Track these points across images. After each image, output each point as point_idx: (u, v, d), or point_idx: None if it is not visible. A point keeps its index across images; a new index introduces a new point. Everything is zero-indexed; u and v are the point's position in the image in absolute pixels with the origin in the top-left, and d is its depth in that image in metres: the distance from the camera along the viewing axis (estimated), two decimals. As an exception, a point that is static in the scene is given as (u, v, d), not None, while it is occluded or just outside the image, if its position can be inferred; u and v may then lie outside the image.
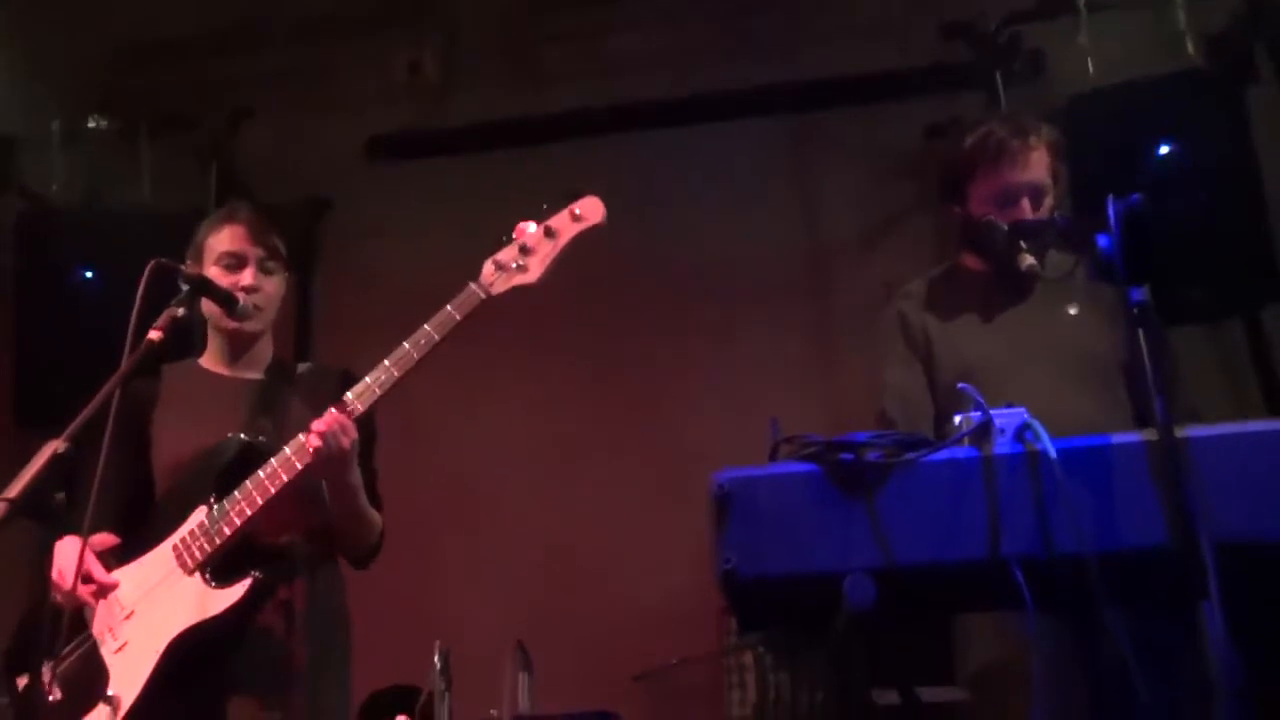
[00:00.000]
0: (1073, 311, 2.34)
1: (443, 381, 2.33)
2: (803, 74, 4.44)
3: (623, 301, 4.29)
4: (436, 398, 3.78)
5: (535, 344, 4.17)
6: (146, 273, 2.10)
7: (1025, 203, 2.33)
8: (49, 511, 1.81)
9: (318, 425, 2.17)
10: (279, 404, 2.38)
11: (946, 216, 2.58)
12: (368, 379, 2.23)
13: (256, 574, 2.19)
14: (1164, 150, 3.52)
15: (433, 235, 4.50)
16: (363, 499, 2.35)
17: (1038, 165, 2.35)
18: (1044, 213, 2.35)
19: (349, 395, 2.22)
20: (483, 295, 2.25)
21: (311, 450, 2.17)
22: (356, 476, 2.31)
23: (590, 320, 4.22)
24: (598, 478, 4.21)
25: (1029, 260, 2.23)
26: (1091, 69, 3.79)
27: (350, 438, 2.20)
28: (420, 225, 4.60)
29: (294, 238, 2.56)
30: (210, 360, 2.50)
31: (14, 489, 1.77)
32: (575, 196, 2.30)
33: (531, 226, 2.27)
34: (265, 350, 2.51)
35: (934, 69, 4.25)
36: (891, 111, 4.36)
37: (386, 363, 2.23)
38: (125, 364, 2.03)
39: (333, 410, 2.19)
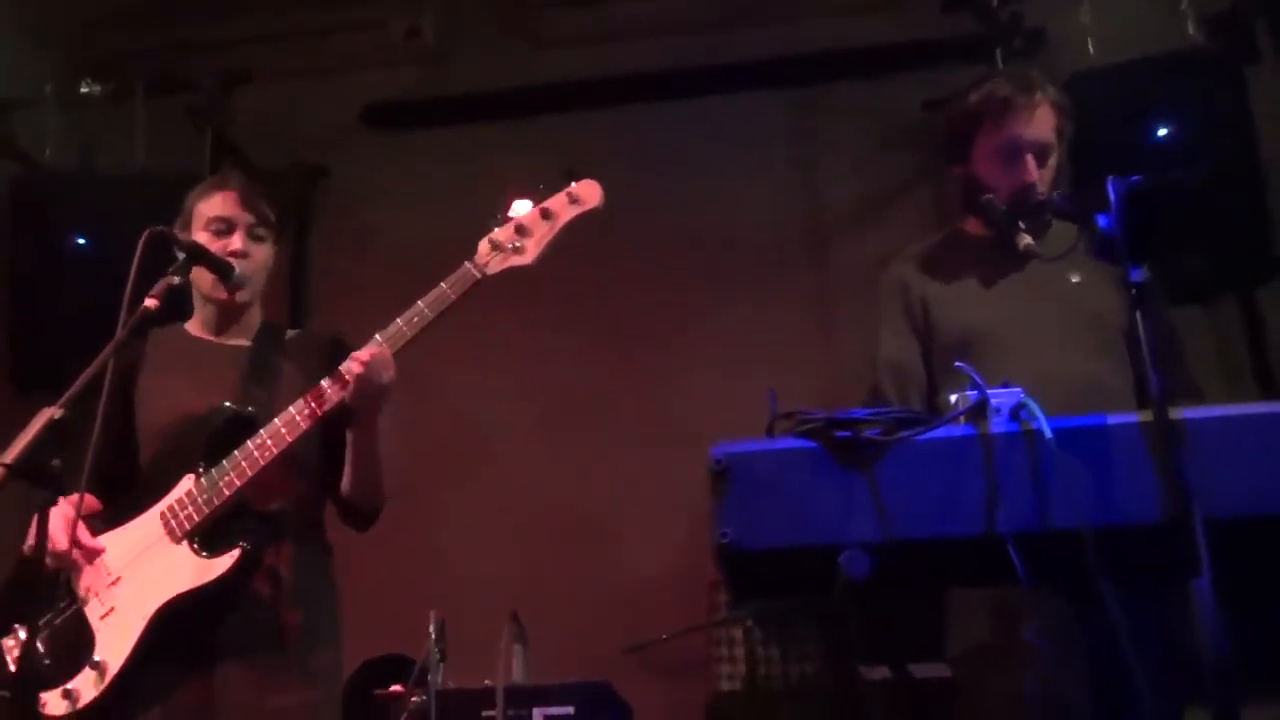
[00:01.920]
0: (1075, 279, 2.31)
1: (437, 348, 2.31)
2: (804, 45, 4.43)
3: (622, 270, 4.29)
4: (430, 365, 3.77)
5: (532, 314, 4.17)
6: (142, 241, 2.08)
7: (1029, 159, 2.29)
8: (46, 476, 1.80)
9: (362, 354, 2.16)
10: (269, 371, 2.36)
11: (949, 178, 2.55)
12: (361, 352, 2.21)
13: (245, 545, 2.18)
14: (1163, 131, 3.50)
15: (429, 203, 4.48)
16: (383, 447, 2.33)
17: (1043, 121, 2.31)
18: (1048, 174, 2.32)
19: (340, 369, 2.20)
20: (477, 275, 2.24)
21: (352, 377, 2.15)
22: (386, 420, 2.29)
23: (589, 289, 4.22)
24: (593, 447, 4.22)
25: (1027, 240, 2.21)
26: (1092, 47, 3.78)
27: (390, 374, 2.19)
28: (417, 193, 4.58)
29: (289, 204, 2.53)
30: (197, 326, 2.47)
31: (10, 454, 1.75)
32: (573, 177, 2.28)
33: (528, 206, 2.26)
34: (254, 318, 2.48)
35: (934, 43, 4.23)
36: (891, 84, 4.34)
37: (379, 337, 2.21)
38: (120, 332, 2.01)
39: (378, 340, 2.18)
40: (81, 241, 4.06)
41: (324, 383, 2.21)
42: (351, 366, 2.17)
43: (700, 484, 1.68)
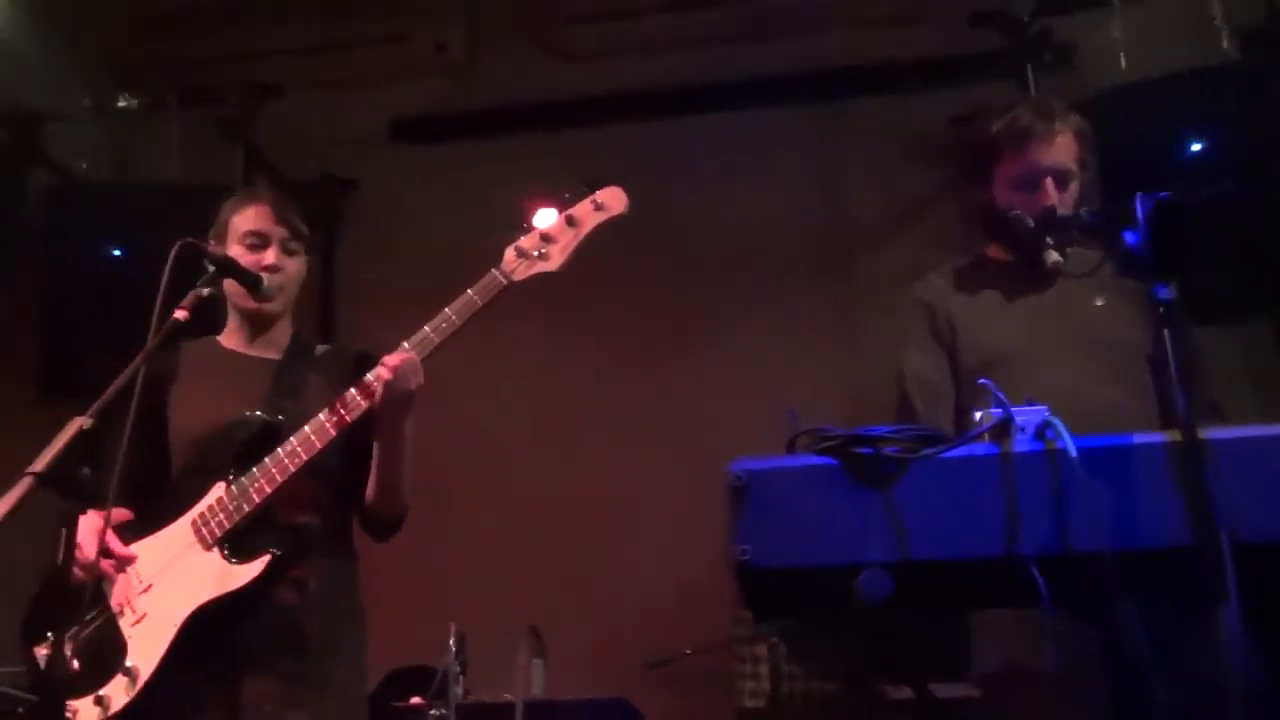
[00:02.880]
0: (1099, 302, 2.32)
1: (457, 359, 2.32)
2: (830, 60, 4.42)
3: (643, 283, 4.30)
4: (450, 374, 3.79)
5: (553, 326, 4.18)
6: (174, 252, 2.10)
7: (1049, 184, 2.30)
8: (75, 485, 1.82)
9: (391, 360, 2.19)
10: (298, 384, 2.39)
11: (970, 204, 2.56)
12: (389, 357, 2.23)
13: (275, 550, 2.20)
14: (1196, 146, 3.47)
15: (455, 215, 4.51)
16: (409, 455, 2.35)
17: (1063, 149, 2.33)
18: (1068, 198, 2.33)
19: (369, 377, 2.22)
20: (504, 281, 2.26)
21: (381, 383, 2.17)
22: (412, 426, 2.32)
23: (609, 302, 4.23)
24: (613, 460, 4.22)
25: (1054, 256, 2.21)
26: (1123, 62, 3.75)
27: (419, 379, 2.21)
28: (443, 205, 4.61)
29: (318, 216, 2.56)
30: (229, 338, 2.50)
31: (40, 463, 1.78)
32: (597, 186, 2.29)
33: (553, 214, 2.28)
34: (284, 330, 2.51)
35: (962, 58, 4.22)
36: (918, 99, 4.33)
37: (405, 344, 2.23)
38: (151, 342, 2.03)
39: (406, 345, 2.20)
40: (116, 252, 4.11)
41: (351, 390, 2.24)
42: (380, 372, 2.19)
43: (721, 499, 1.68)
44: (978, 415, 1.72)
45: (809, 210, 4.47)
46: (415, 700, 3.05)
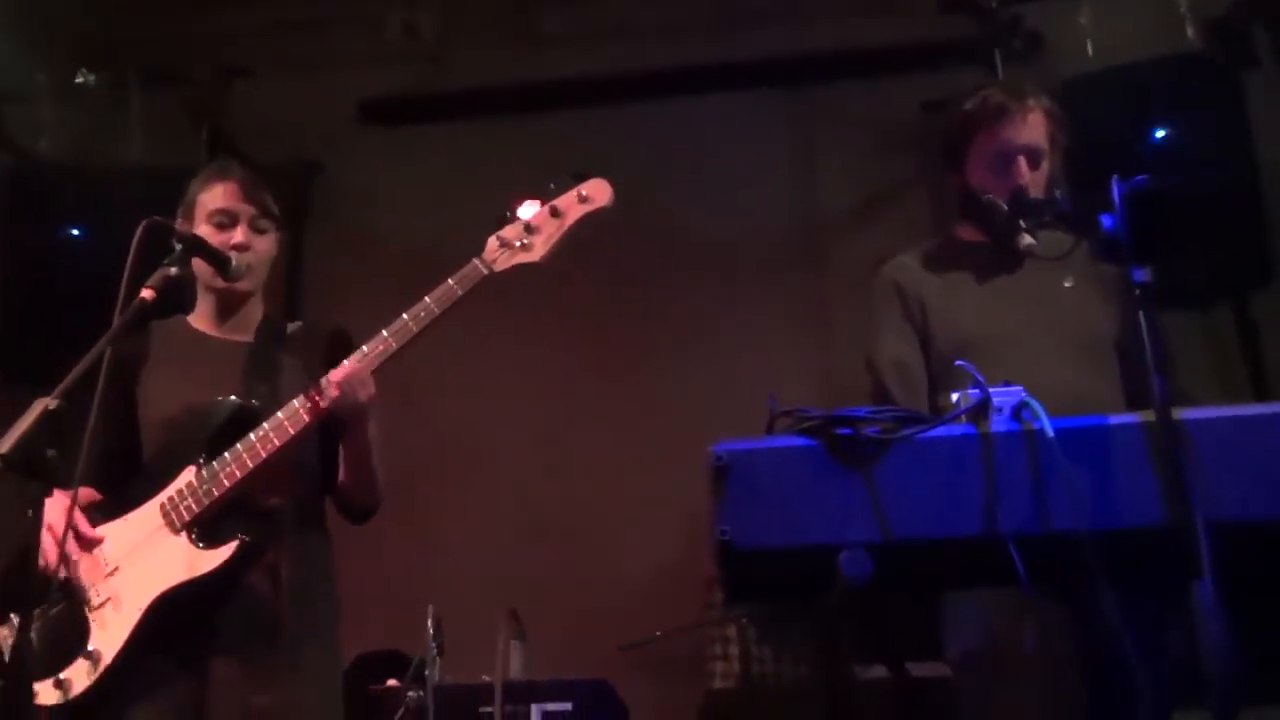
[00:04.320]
0: (1068, 284, 2.34)
1: (435, 345, 2.31)
2: (802, 45, 4.42)
3: (618, 271, 4.28)
4: (429, 361, 3.77)
5: (530, 310, 4.15)
6: (139, 231, 2.06)
7: (1022, 162, 2.32)
8: (42, 467, 1.78)
9: (336, 375, 2.17)
10: (271, 366, 2.36)
11: (945, 187, 2.57)
12: (364, 348, 2.21)
13: (244, 536, 2.17)
14: (1161, 134, 3.51)
15: (426, 201, 4.48)
16: (375, 457, 2.35)
17: (1035, 127, 2.35)
18: (1040, 177, 2.34)
19: (318, 384, 2.20)
20: (485, 271, 2.24)
21: (330, 400, 2.16)
22: (372, 432, 2.31)
23: (584, 289, 4.20)
24: (590, 444, 4.22)
25: (1028, 240, 2.22)
26: (1091, 50, 3.78)
27: (368, 391, 2.20)
28: (414, 191, 4.57)
29: (285, 199, 2.53)
30: (199, 320, 2.47)
31: (5, 444, 1.74)
32: (583, 178, 2.28)
33: (536, 205, 2.26)
34: (255, 311, 2.48)
35: (933, 45, 4.22)
36: (890, 85, 4.34)
37: (385, 333, 2.21)
38: (117, 323, 2.00)
39: (353, 360, 2.18)
40: (76, 233, 4.04)
41: (325, 378, 2.21)
42: (327, 390, 2.17)
43: (696, 484, 1.68)
44: (955, 397, 1.72)
45: (780, 198, 4.47)
46: (391, 683, 3.02)
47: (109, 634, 2.15)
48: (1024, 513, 1.63)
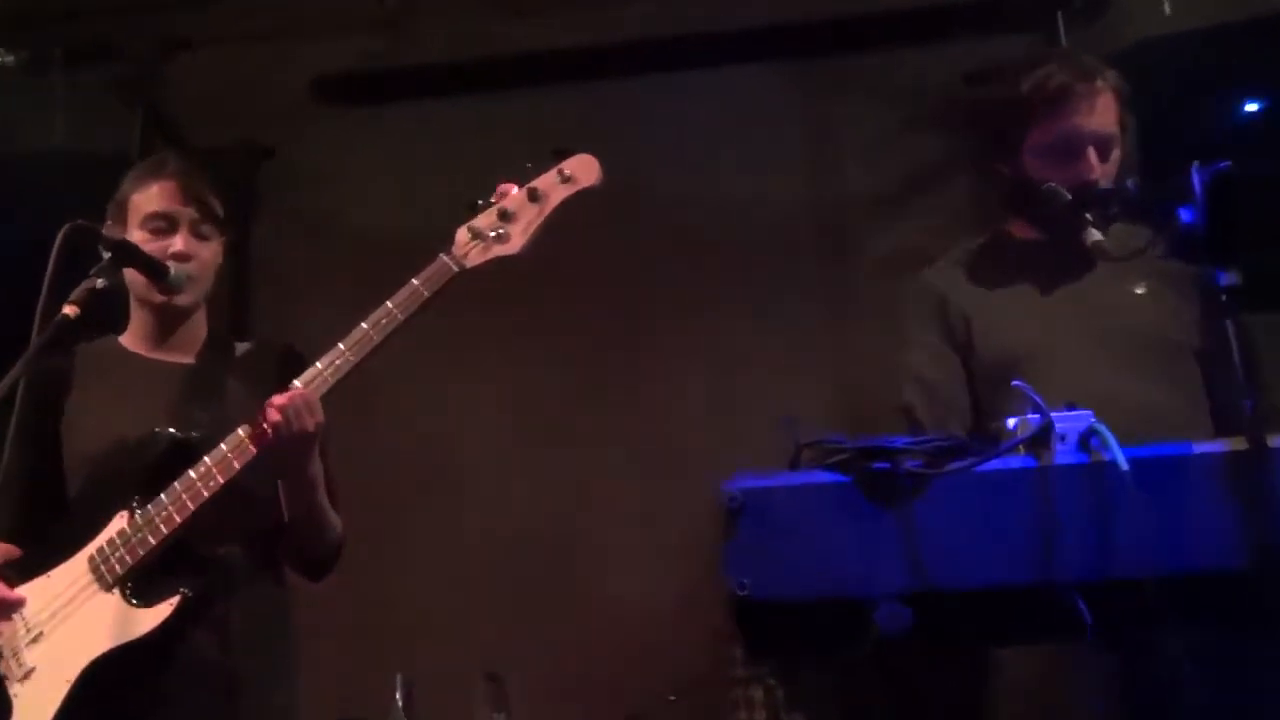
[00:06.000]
0: (1139, 291, 2.32)
1: (401, 355, 2.29)
2: (823, 9, 4.39)
3: (608, 267, 4.26)
4: (394, 375, 3.75)
5: (509, 315, 4.14)
6: (60, 237, 2.06)
7: (1091, 154, 2.29)
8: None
9: (278, 400, 2.14)
10: (214, 391, 2.35)
11: (989, 175, 2.55)
12: (319, 364, 2.19)
13: (185, 590, 2.15)
14: (1250, 108, 3.47)
15: (390, 187, 4.47)
16: (323, 495, 2.33)
17: (1105, 111, 2.32)
18: (1110, 169, 2.33)
19: (296, 383, 2.18)
20: (455, 268, 2.21)
21: (269, 427, 2.14)
22: (318, 466, 2.29)
23: (569, 288, 4.19)
24: (578, 470, 4.18)
25: (1095, 236, 2.20)
26: (1167, 8, 3.73)
27: (315, 419, 2.17)
28: (376, 176, 4.56)
29: (231, 188, 2.52)
30: (133, 339, 2.45)
31: (-94, 489, 1.73)
32: (565, 155, 2.25)
33: (512, 189, 2.23)
34: (198, 327, 2.47)
35: (976, 4, 4.20)
36: (924, 54, 4.32)
37: (341, 346, 2.18)
38: (34, 344, 1.99)
39: (298, 384, 2.16)
40: (-11, 233, 4.02)
41: (268, 402, 2.18)
42: (268, 414, 2.14)
43: (702, 510, 1.67)
44: (1011, 422, 1.71)
45: (796, 184, 4.44)
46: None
47: (33, 711, 2.12)
48: (1090, 557, 1.62)
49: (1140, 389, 2.20)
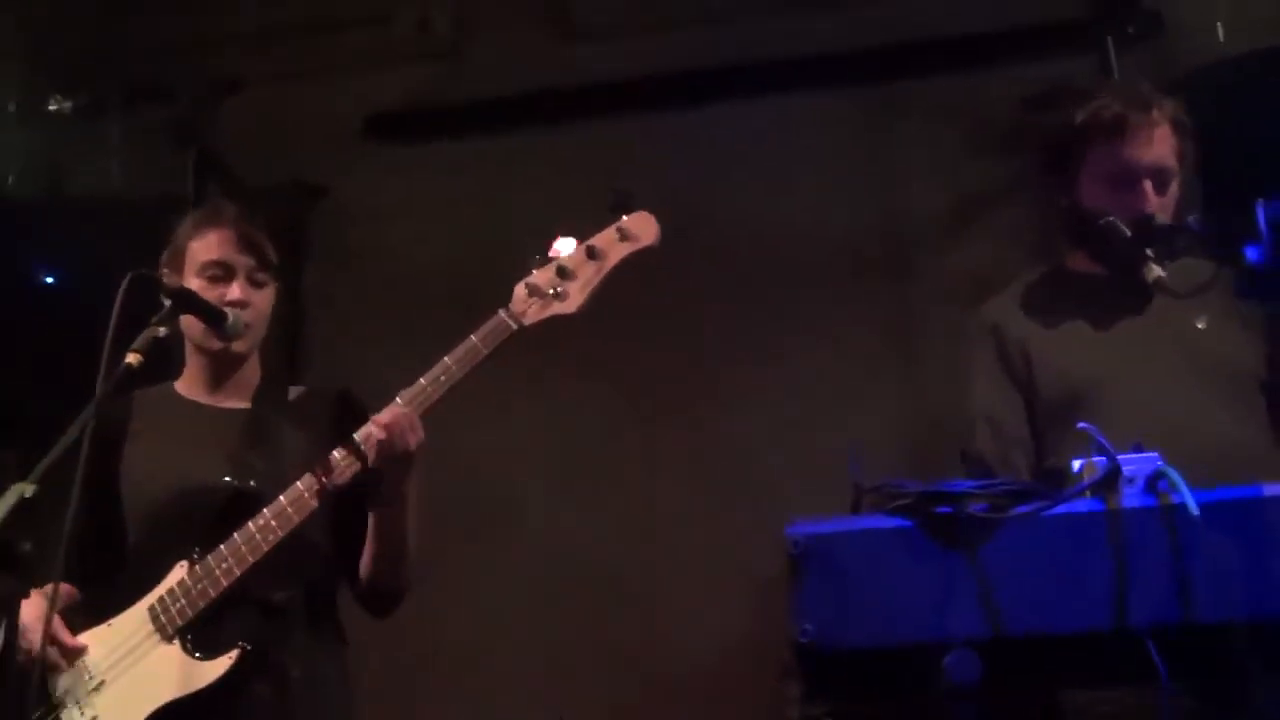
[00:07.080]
0: (1201, 325, 2.31)
1: (457, 397, 2.32)
2: (883, 35, 4.41)
3: (673, 296, 4.25)
4: (449, 415, 3.81)
5: (570, 346, 4.14)
6: (123, 286, 2.10)
7: (1147, 186, 2.31)
8: (15, 562, 1.82)
9: (382, 417, 2.19)
10: (271, 438, 2.39)
11: (1050, 204, 2.55)
12: (381, 414, 2.23)
13: (245, 644, 2.19)
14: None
15: (444, 226, 4.49)
16: (414, 523, 2.35)
17: (1162, 143, 2.33)
18: (1169, 202, 2.33)
19: (358, 435, 2.22)
20: (514, 326, 2.26)
21: (372, 445, 2.18)
22: (414, 487, 2.32)
23: (625, 321, 4.18)
24: (636, 504, 4.19)
25: (1157, 271, 2.20)
26: (1222, 33, 3.72)
27: (418, 436, 2.21)
28: (429, 214, 4.59)
29: (283, 227, 2.57)
30: (189, 385, 2.51)
31: (-28, 537, 1.78)
32: (622, 206, 2.29)
33: (571, 243, 2.27)
34: (252, 374, 2.52)
35: (1034, 28, 4.20)
36: (985, 78, 4.32)
37: (399, 400, 2.23)
38: (99, 392, 2.03)
39: (399, 402, 2.20)
40: (49, 279, 4.12)
41: (335, 453, 2.24)
42: (371, 431, 2.19)
43: (762, 548, 1.68)
44: (1077, 464, 1.71)
45: (858, 211, 4.44)
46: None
47: (95, 760, 2.17)
48: (1162, 602, 1.62)
49: (1211, 422, 2.20)
